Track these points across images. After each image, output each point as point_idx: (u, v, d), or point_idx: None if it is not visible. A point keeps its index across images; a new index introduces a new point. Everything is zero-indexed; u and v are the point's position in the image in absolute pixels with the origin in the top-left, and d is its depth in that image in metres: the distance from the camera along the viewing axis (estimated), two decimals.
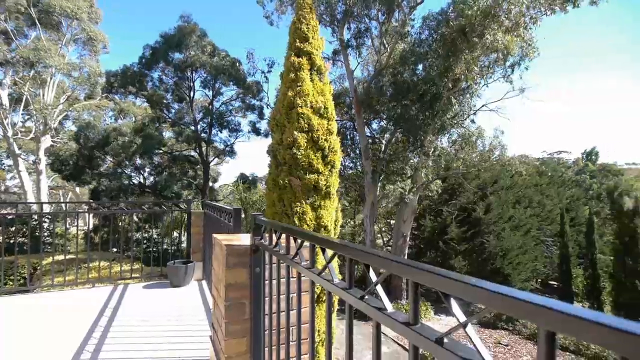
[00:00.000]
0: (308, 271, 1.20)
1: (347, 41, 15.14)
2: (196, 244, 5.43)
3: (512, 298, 0.57)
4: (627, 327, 0.48)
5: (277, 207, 5.69)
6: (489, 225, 15.89)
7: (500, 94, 13.19)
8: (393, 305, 3.61)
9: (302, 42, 5.87)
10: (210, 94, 22.95)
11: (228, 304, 1.94)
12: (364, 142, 14.61)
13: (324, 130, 5.60)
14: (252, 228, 1.91)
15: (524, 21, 10.20)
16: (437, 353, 0.69)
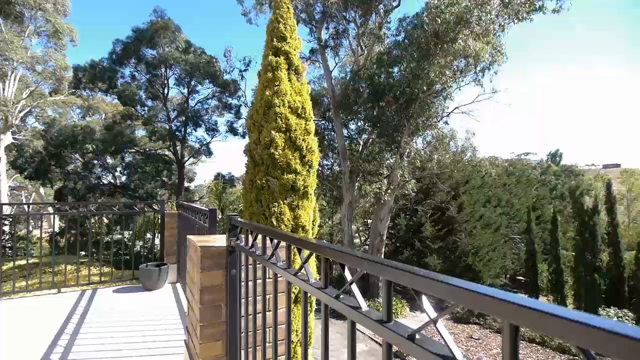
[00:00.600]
0: (284, 272, 1.20)
1: (325, 41, 15.20)
2: (170, 245, 5.28)
3: (478, 294, 0.59)
4: (582, 319, 0.51)
5: (255, 207, 5.64)
6: (461, 224, 16.44)
7: (472, 97, 13.70)
8: (370, 304, 3.71)
9: (279, 42, 5.85)
10: (186, 92, 22.38)
11: (203, 307, 1.91)
12: (341, 142, 14.72)
13: (302, 130, 5.60)
14: (228, 229, 1.88)
15: (493, 28, 10.66)
16: (409, 349, 0.71)
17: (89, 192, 19.88)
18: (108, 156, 21.04)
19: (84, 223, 12.56)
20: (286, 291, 1.23)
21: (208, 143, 23.39)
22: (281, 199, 5.47)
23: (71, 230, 12.96)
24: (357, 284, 3.61)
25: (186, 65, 20.00)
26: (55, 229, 5.21)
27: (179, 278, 5.01)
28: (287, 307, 1.24)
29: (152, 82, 21.18)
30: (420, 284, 0.69)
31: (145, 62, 20.26)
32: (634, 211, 36.25)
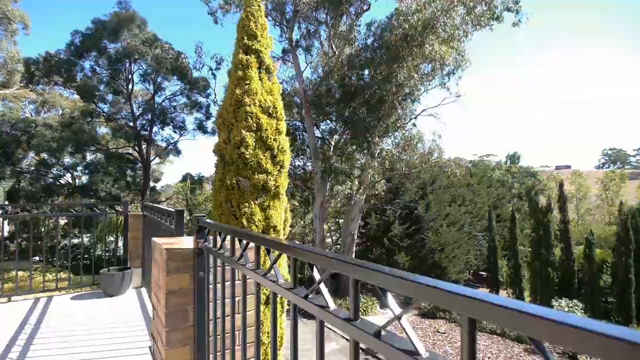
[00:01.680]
0: (253, 273, 1.18)
1: (296, 42, 15.18)
2: (134, 249, 5.05)
3: (439, 289, 0.62)
4: (533, 311, 0.55)
5: (225, 208, 5.53)
6: (428, 222, 17.04)
7: (438, 100, 14.25)
8: (342, 302, 3.75)
9: (250, 40, 5.77)
10: (152, 88, 21.49)
11: (169, 312, 1.84)
12: (313, 142, 14.76)
13: (273, 129, 5.56)
14: (196, 230, 1.83)
15: (457, 34, 11.16)
16: (375, 346, 0.73)
17: (45, 193, 18.57)
18: (67, 155, 19.73)
19: (37, 226, 11.70)
20: (255, 293, 1.22)
21: (176, 142, 22.62)
22: (252, 199, 5.39)
23: (23, 234, 12.03)
24: (329, 283, 3.68)
25: (152, 60, 19.20)
26: (4, 233, 4.81)
27: (144, 282, 4.80)
28: (257, 309, 1.22)
29: (115, 77, 20.13)
30: (385, 282, 0.71)
31: (107, 55, 19.22)
32: (582, 209, 39.35)
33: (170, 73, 20.23)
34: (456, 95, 13.54)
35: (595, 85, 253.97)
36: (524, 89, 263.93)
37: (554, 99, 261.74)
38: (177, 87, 21.80)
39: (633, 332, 0.45)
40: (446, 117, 31.84)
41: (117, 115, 20.74)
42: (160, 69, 19.67)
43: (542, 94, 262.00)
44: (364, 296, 13.98)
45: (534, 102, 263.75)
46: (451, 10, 10.54)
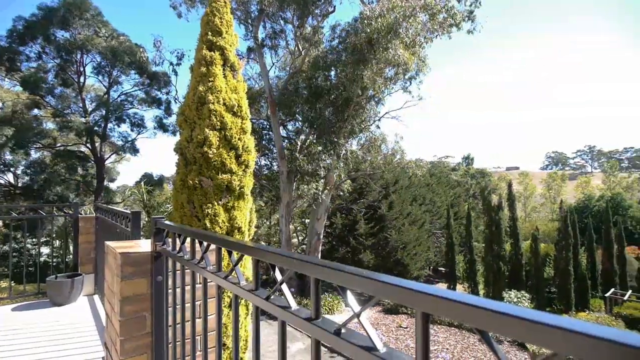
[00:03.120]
0: (214, 275, 1.16)
1: (262, 40, 14.98)
2: (86, 253, 4.72)
3: (394, 286, 0.65)
4: (479, 304, 0.59)
5: (186, 209, 5.34)
6: (391, 221, 17.58)
7: (401, 104, 14.76)
8: (308, 302, 3.76)
9: (214, 36, 5.62)
10: (107, 82, 20.16)
11: (124, 319, 1.75)
12: (279, 142, 14.65)
13: (238, 129, 5.45)
14: (153, 233, 1.75)
15: (419, 40, 11.64)
16: (335, 344, 0.75)
17: None
18: (7, 151, 17.96)
19: None
20: (216, 296, 1.19)
21: (133, 140, 21.40)
22: (215, 199, 5.25)
23: None
24: (296, 284, 3.68)
25: (107, 52, 18.01)
26: None
27: (96, 289, 4.51)
28: (218, 313, 1.20)
29: (65, 69, 18.66)
30: (345, 281, 0.73)
31: (56, 44, 17.74)
32: (529, 207, 42.67)
33: (128, 67, 19.11)
34: (418, 99, 14.10)
35: (540, 92, 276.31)
36: (479, 94, 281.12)
37: (505, 104, 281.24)
38: (134, 81, 20.65)
39: (558, 318, 0.50)
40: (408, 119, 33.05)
41: (67, 110, 19.22)
42: (116, 62, 18.52)
43: (495, 99, 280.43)
44: (330, 295, 14.12)
45: (488, 106, 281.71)
46: (413, 17, 10.96)
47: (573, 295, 14.73)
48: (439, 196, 21.72)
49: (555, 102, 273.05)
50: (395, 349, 0.73)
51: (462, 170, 37.05)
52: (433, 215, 20.29)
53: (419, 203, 19.64)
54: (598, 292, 16.33)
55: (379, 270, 15.90)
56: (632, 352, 0.43)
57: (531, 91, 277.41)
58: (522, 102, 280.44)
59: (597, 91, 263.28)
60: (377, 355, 0.68)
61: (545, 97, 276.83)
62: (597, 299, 15.75)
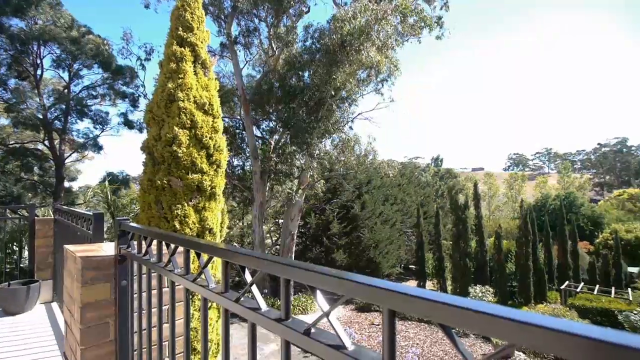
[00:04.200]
0: (182, 278, 1.13)
1: (235, 37, 14.71)
2: (43, 258, 4.43)
3: (362, 284, 0.67)
4: (441, 299, 0.62)
5: (154, 210, 5.15)
6: (364, 220, 17.85)
7: (373, 105, 15.02)
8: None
9: (185, 31, 5.45)
10: (67, 76, 18.99)
11: (85, 327, 1.66)
12: (252, 142, 14.46)
13: (209, 127, 5.33)
14: (117, 235, 1.68)
15: (391, 43, 11.91)
16: (305, 344, 0.75)
17: None
18: None
19: None
20: (184, 300, 1.16)
21: (96, 137, 20.30)
22: (185, 200, 5.10)
23: None
24: (270, 285, 3.65)
25: (68, 44, 16.96)
26: None
27: (55, 296, 4.24)
28: (186, 317, 1.17)
29: (20, 60, 17.37)
30: (314, 280, 0.74)
31: (9, 34, 16.47)
32: (493, 206, 44.92)
33: (90, 60, 18.09)
34: (389, 101, 14.40)
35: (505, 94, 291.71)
36: (447, 96, 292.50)
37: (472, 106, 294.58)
38: (98, 76, 19.59)
39: (512, 311, 0.54)
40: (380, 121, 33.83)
41: (22, 105, 17.91)
42: (77, 54, 17.48)
43: (462, 102, 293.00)
44: (303, 295, 14.12)
45: (456, 109, 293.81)
46: (384, 20, 11.19)
47: (532, 289, 15.64)
48: (410, 196, 22.33)
49: (516, 105, 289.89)
50: (365, 346, 0.74)
51: (431, 171, 38.34)
52: (404, 215, 20.83)
53: (390, 203, 20.08)
54: (554, 285, 17.45)
55: (352, 269, 16.07)
56: (575, 340, 0.47)
57: (493, 94, 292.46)
58: (487, 104, 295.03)
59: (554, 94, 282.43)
60: (345, 353, 0.70)
61: (507, 99, 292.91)
62: (554, 291, 16.83)
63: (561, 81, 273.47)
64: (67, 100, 18.67)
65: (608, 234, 24.24)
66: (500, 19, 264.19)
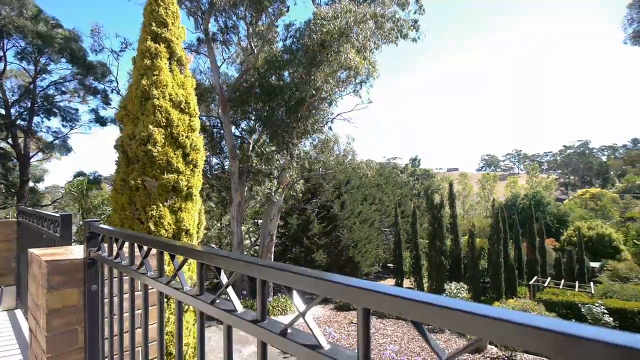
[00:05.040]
0: (155, 281, 1.10)
1: (213, 34, 14.43)
2: (5, 263, 4.18)
3: (338, 284, 0.68)
4: (412, 297, 0.64)
5: (128, 211, 4.99)
6: (343, 220, 17.98)
7: (352, 106, 15.16)
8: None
9: (159, 27, 5.31)
10: (33, 70, 17.96)
11: (52, 335, 1.58)
12: (230, 141, 14.23)
13: (185, 126, 5.21)
14: (87, 237, 1.61)
15: (369, 45, 12.06)
16: (281, 344, 0.75)
17: None
18: None
19: None
20: (158, 303, 1.13)
21: (65, 135, 19.36)
22: (160, 201, 4.97)
23: None
24: (248, 285, 3.61)
25: (34, 37, 16.04)
26: None
27: (19, 303, 4.01)
28: (160, 322, 1.14)
29: None
30: (291, 280, 0.74)
31: None
32: (467, 205, 46.45)
33: (59, 54, 17.20)
34: (367, 102, 14.56)
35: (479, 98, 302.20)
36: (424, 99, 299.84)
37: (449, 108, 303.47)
38: (68, 71, 18.65)
39: (479, 306, 0.56)
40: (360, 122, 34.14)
41: None
42: (44, 47, 16.58)
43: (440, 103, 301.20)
44: (283, 295, 14.04)
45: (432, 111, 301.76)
46: (363, 23, 11.32)
47: (503, 284, 16.28)
48: (388, 196, 22.69)
49: (488, 108, 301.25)
50: (341, 344, 0.76)
51: (409, 171, 39.14)
52: (382, 214, 21.13)
53: (369, 202, 20.32)
54: (524, 281, 18.24)
55: (331, 269, 16.11)
56: (538, 333, 0.50)
57: (468, 97, 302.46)
58: (462, 107, 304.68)
59: (524, 99, 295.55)
60: (321, 352, 0.70)
61: (481, 103, 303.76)
62: (523, 286, 17.59)
63: (531, 86, 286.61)
64: (33, 96, 17.68)
65: (572, 231, 25.59)
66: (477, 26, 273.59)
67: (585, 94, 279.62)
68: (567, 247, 23.03)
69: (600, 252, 24.19)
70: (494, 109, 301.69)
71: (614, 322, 11.19)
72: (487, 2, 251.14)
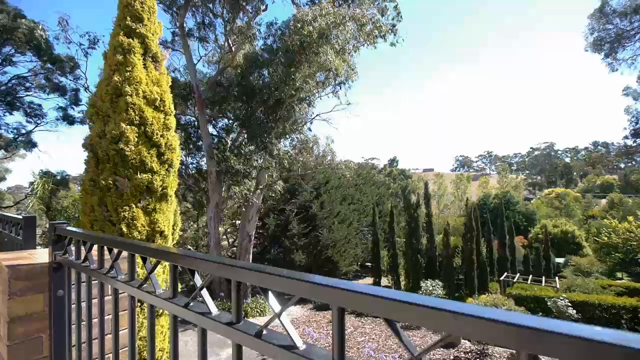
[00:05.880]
0: (126, 285, 1.07)
1: (189, 30, 14.08)
2: None
3: (312, 284, 0.69)
4: (384, 294, 0.66)
5: (98, 212, 4.80)
6: (322, 220, 18.03)
7: (331, 107, 15.24)
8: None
9: (134, 22, 5.14)
10: None
11: (13, 344, 1.50)
12: (207, 140, 13.95)
13: (160, 124, 5.07)
14: (53, 241, 1.54)
15: (348, 48, 12.17)
16: (256, 346, 0.75)
17: None
18: None
19: None
20: (129, 308, 1.10)
21: (29, 132, 18.31)
22: (133, 201, 4.81)
23: None
24: (225, 287, 3.56)
25: None
26: None
27: None
28: (131, 327, 1.11)
29: None
30: (266, 281, 0.74)
31: None
32: (442, 204, 47.82)
33: (23, 46, 16.24)
34: (346, 104, 14.68)
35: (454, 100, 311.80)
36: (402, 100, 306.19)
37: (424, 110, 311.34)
38: (32, 64, 17.64)
39: (448, 302, 0.59)
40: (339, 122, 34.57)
41: None
42: (5, 39, 15.61)
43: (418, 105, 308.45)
44: (262, 296, 13.92)
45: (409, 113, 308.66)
46: (343, 25, 11.40)
47: (476, 281, 16.86)
48: (366, 196, 22.96)
49: (462, 110, 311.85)
50: (321, 344, 0.76)
51: (387, 171, 39.80)
52: (360, 214, 21.36)
53: (347, 202, 20.48)
54: (495, 277, 18.96)
55: (311, 269, 16.04)
56: (501, 327, 0.53)
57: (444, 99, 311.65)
58: (437, 109, 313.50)
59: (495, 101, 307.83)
60: (297, 353, 0.71)
61: (455, 105, 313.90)
62: (494, 282, 18.28)
63: (502, 90, 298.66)
64: None
65: (539, 229, 26.87)
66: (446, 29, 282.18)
67: (551, 98, 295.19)
68: (535, 244, 24.17)
69: (564, 249, 25.54)
70: (468, 112, 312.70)
71: (576, 314, 11.83)
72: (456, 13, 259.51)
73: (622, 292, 14.27)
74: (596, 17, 17.61)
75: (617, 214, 32.51)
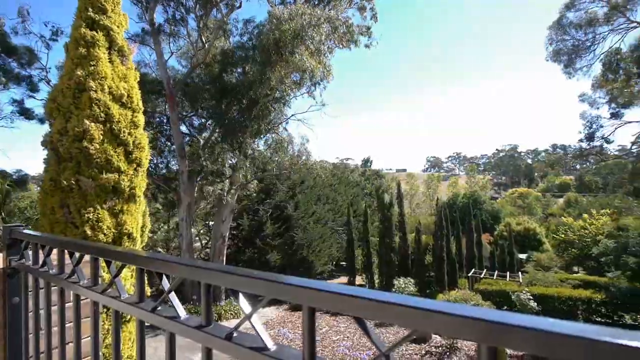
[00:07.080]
0: (89, 290, 1.02)
1: (159, 25, 13.59)
2: None
3: (283, 284, 0.69)
4: (349, 293, 0.67)
5: (59, 214, 4.54)
6: (297, 220, 18.00)
7: (306, 107, 15.24)
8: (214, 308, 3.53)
9: (97, 13, 4.90)
10: None
11: None
12: (179, 139, 13.53)
13: (128, 122, 4.88)
14: (7, 245, 1.44)
15: (323, 49, 12.23)
16: (226, 349, 0.75)
17: None
18: None
19: None
20: (92, 315, 1.05)
21: None
22: (98, 202, 4.60)
23: None
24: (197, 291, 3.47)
25: None
26: None
27: None
28: (94, 335, 1.06)
29: None
30: (236, 283, 0.74)
31: None
32: (414, 204, 49.19)
33: None
34: (321, 104, 14.72)
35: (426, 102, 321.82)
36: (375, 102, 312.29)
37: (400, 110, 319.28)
38: None
39: (412, 299, 0.61)
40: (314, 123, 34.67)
41: None
42: None
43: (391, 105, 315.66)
44: (235, 299, 13.69)
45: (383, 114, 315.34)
46: (318, 26, 11.44)
47: (446, 278, 17.46)
48: (341, 195, 23.16)
49: (433, 112, 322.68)
50: (296, 345, 0.77)
51: (361, 171, 40.38)
52: (335, 214, 21.51)
53: (322, 202, 20.56)
54: (464, 273, 19.70)
55: (286, 269, 15.92)
56: (465, 322, 0.55)
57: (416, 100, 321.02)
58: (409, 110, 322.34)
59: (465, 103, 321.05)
60: (267, 354, 0.71)
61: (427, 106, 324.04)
62: (463, 278, 19.00)
63: (470, 93, 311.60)
64: None
65: (503, 227, 28.23)
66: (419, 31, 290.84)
67: (516, 102, 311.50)
68: (500, 241, 25.36)
69: (527, 245, 26.97)
70: (438, 114, 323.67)
71: (537, 306, 12.54)
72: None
73: (578, 285, 15.26)
74: (555, 28, 18.75)
75: (574, 212, 34.76)
